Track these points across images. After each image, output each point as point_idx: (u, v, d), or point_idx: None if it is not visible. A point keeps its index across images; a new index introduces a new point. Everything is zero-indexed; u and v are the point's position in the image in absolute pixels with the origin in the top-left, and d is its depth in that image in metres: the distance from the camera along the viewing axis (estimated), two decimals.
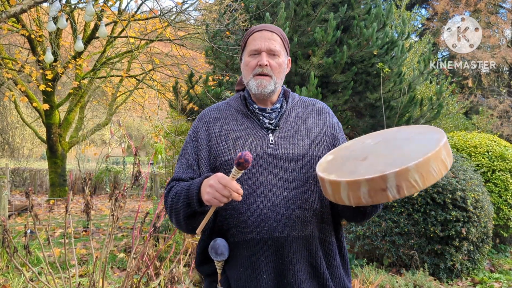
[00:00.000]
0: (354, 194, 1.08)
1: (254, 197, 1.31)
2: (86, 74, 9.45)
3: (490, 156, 5.08)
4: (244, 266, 1.30)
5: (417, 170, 1.01)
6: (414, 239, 4.07)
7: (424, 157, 1.02)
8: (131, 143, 2.70)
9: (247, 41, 1.43)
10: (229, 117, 1.44)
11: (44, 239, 4.91)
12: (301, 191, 1.33)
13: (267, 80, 1.38)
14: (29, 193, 1.98)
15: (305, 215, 1.31)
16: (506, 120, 14.03)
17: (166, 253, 4.45)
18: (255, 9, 6.13)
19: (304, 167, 1.35)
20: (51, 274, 2.10)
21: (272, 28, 1.42)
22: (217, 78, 6.60)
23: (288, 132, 1.39)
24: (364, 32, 5.53)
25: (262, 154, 1.35)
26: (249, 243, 1.30)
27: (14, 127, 14.78)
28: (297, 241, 1.29)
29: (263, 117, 1.42)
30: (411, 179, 1.01)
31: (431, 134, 1.16)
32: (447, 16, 17.72)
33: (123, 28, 8.68)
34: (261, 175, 1.32)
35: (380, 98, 5.96)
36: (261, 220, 1.29)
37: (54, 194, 9.45)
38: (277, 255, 1.29)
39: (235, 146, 1.37)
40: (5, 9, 5.26)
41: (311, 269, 1.31)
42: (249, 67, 1.40)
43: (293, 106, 1.47)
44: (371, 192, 1.05)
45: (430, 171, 1.02)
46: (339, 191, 1.11)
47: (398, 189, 1.02)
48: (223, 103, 1.51)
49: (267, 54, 1.38)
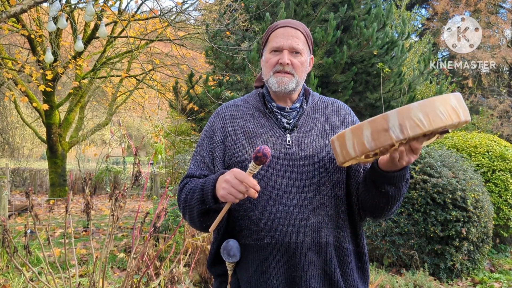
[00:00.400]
0: (358, 140, 1.04)
1: (267, 200, 1.27)
2: (86, 74, 9.45)
3: (490, 156, 5.08)
4: (254, 270, 1.27)
5: (421, 109, 0.97)
6: (414, 239, 4.07)
7: (429, 99, 0.98)
8: (131, 143, 2.70)
9: (269, 37, 1.37)
10: (246, 114, 1.39)
11: (44, 239, 4.91)
12: (317, 196, 1.28)
13: (289, 78, 1.33)
14: (29, 193, 1.98)
15: (319, 221, 1.27)
16: (506, 120, 14.03)
17: (166, 253, 4.45)
18: (255, 9, 6.13)
19: (321, 170, 1.29)
20: (51, 274, 2.10)
21: (296, 24, 1.36)
22: (217, 78, 6.61)
23: (306, 134, 1.34)
24: (364, 32, 5.53)
25: (278, 156, 1.29)
26: (260, 246, 1.26)
27: (14, 127, 14.78)
28: (310, 247, 1.25)
29: (282, 116, 1.36)
30: (414, 117, 0.97)
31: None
32: (447, 16, 17.73)
33: (123, 28, 8.69)
34: (276, 177, 1.28)
35: (380, 98, 5.96)
36: (274, 224, 1.25)
37: (54, 194, 9.46)
38: (289, 261, 1.25)
39: (251, 145, 1.32)
40: (5, 9, 5.26)
41: (324, 276, 1.27)
42: (270, 64, 1.34)
43: (312, 106, 1.41)
44: (374, 134, 1.01)
45: (437, 112, 0.98)
46: (345, 143, 1.08)
47: (401, 128, 0.98)
48: (240, 100, 1.46)
49: (289, 52, 1.33)
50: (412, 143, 1.08)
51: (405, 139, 1.01)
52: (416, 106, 0.98)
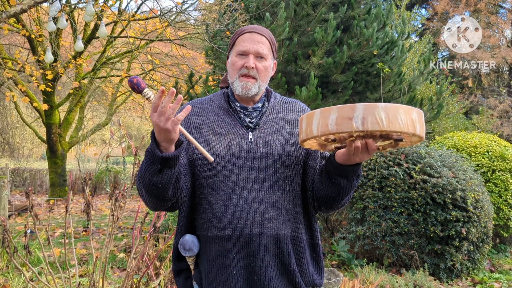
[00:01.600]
0: (323, 121, 1.13)
1: (229, 194, 1.34)
2: (86, 74, 9.45)
3: (490, 156, 5.08)
4: (215, 260, 1.33)
5: (385, 110, 1.07)
6: (414, 239, 4.07)
7: (395, 104, 1.09)
8: (131, 143, 2.70)
9: (236, 40, 1.44)
10: (210, 112, 1.45)
11: (44, 239, 4.91)
12: (276, 190, 1.36)
13: (252, 82, 1.39)
14: (29, 193, 1.98)
15: (278, 214, 1.35)
16: (506, 120, 14.03)
17: (166, 253, 4.45)
18: (255, 9, 6.13)
19: (280, 166, 1.38)
20: (51, 274, 2.10)
21: (262, 31, 1.43)
22: (217, 78, 6.60)
23: (267, 132, 1.41)
24: (364, 32, 5.53)
25: (240, 152, 1.37)
26: (221, 238, 1.33)
27: (14, 127, 14.78)
28: (269, 239, 1.33)
29: (244, 115, 1.43)
30: (377, 115, 1.07)
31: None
32: (447, 16, 17.73)
33: (123, 28, 8.68)
34: (238, 172, 1.35)
35: (380, 98, 5.96)
36: (235, 217, 1.32)
37: (54, 194, 9.45)
38: (248, 252, 1.32)
39: (214, 141, 1.38)
40: (5, 9, 5.25)
41: (281, 266, 1.35)
42: (236, 67, 1.41)
43: (274, 106, 1.49)
44: (339, 120, 1.10)
45: (397, 117, 1.08)
46: (311, 122, 1.16)
47: (363, 121, 1.08)
48: (206, 99, 1.53)
49: (254, 57, 1.39)
50: (368, 140, 1.18)
51: (363, 131, 1.10)
52: (381, 106, 1.08)
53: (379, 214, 4.22)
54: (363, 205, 4.33)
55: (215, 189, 1.35)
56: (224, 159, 1.36)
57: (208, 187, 1.36)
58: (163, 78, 10.43)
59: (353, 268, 4.19)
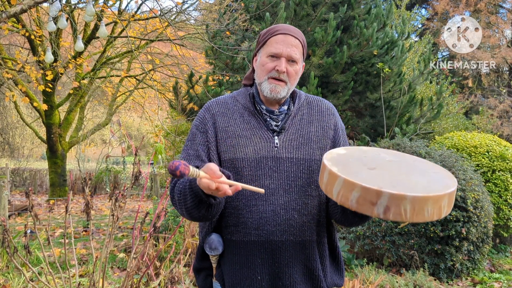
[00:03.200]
0: (345, 193, 1.08)
1: (255, 199, 1.32)
2: (86, 74, 9.45)
3: (490, 156, 5.08)
4: (240, 265, 1.32)
5: (412, 202, 1.00)
6: (414, 239, 4.07)
7: (425, 195, 1.00)
8: (131, 143, 2.70)
9: (268, 40, 1.39)
10: (236, 113, 1.42)
11: (44, 239, 4.91)
12: (302, 196, 1.34)
13: (282, 86, 1.36)
14: (29, 193, 1.98)
15: (303, 221, 1.34)
16: (506, 120, 14.03)
17: (166, 253, 4.45)
18: (255, 9, 6.13)
19: (306, 172, 1.36)
20: (51, 274, 2.10)
21: (296, 33, 1.39)
22: (217, 78, 6.61)
23: (293, 136, 1.39)
24: (364, 32, 5.53)
25: (266, 157, 1.34)
26: (246, 243, 1.32)
27: (14, 127, 14.77)
28: (294, 245, 1.32)
29: (270, 119, 1.40)
30: (402, 207, 1.01)
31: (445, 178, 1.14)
32: (447, 16, 17.73)
33: (123, 28, 8.68)
34: (264, 178, 1.33)
35: (380, 98, 5.96)
36: (261, 223, 1.31)
37: (54, 194, 9.45)
38: (274, 258, 1.31)
39: (241, 145, 1.36)
40: (5, 9, 5.26)
41: (306, 271, 1.34)
42: (266, 68, 1.37)
43: (299, 107, 1.46)
44: (360, 200, 1.04)
45: (424, 209, 1.01)
46: (333, 184, 1.11)
47: (385, 210, 1.02)
48: (229, 97, 1.48)
49: (286, 60, 1.36)
50: None
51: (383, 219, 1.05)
52: (410, 198, 1.00)
53: None
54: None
55: (241, 194, 1.33)
56: (250, 164, 1.34)
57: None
58: (163, 78, 10.42)
59: (353, 268, 4.19)
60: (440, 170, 1.19)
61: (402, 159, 1.28)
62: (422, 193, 1.00)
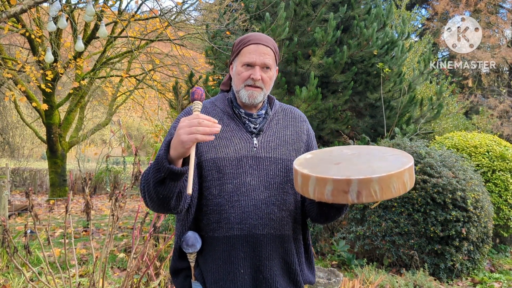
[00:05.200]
0: (319, 189, 1.18)
1: (238, 195, 1.39)
2: (86, 74, 9.45)
3: (490, 156, 5.08)
4: (222, 260, 1.38)
5: (379, 182, 1.12)
6: (414, 239, 4.07)
7: (388, 173, 1.13)
8: (131, 143, 2.71)
9: (241, 50, 1.47)
10: (215, 117, 1.48)
11: (44, 239, 4.91)
12: (280, 193, 1.43)
13: (258, 91, 1.45)
14: (29, 193, 1.98)
15: (282, 215, 1.42)
16: (506, 120, 14.03)
17: (166, 253, 4.45)
18: (255, 9, 6.13)
19: (283, 170, 1.45)
20: (51, 274, 2.10)
21: (267, 41, 1.47)
22: (217, 78, 6.61)
23: (270, 137, 1.48)
24: (364, 32, 5.53)
25: (246, 156, 1.43)
26: (229, 238, 1.37)
27: (14, 127, 14.77)
28: (274, 239, 1.40)
29: (249, 121, 1.49)
30: (371, 188, 1.13)
31: (401, 158, 1.27)
32: (447, 16, 17.73)
33: (123, 28, 8.68)
34: (245, 175, 1.41)
35: (380, 98, 5.96)
36: (244, 217, 1.37)
37: (54, 194, 9.45)
38: (255, 251, 1.38)
39: (221, 145, 1.43)
40: (5, 9, 5.26)
41: (284, 265, 1.42)
42: (241, 77, 1.45)
43: (275, 113, 1.55)
44: (334, 192, 1.15)
45: (390, 187, 1.14)
46: (307, 184, 1.21)
47: (358, 195, 1.13)
48: (208, 102, 1.56)
49: (260, 68, 1.44)
50: None
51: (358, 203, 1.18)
52: (376, 179, 1.13)
53: (379, 214, 4.22)
54: (363, 205, 4.33)
55: (223, 191, 1.39)
56: (231, 162, 1.41)
57: (216, 189, 1.39)
58: (163, 78, 10.43)
59: (353, 268, 4.19)
60: (396, 152, 1.33)
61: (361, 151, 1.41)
62: (385, 173, 1.13)
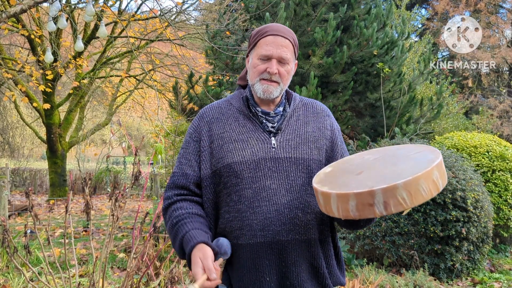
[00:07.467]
0: (343, 206, 1.09)
1: (258, 201, 1.32)
2: (86, 74, 9.45)
3: (490, 156, 5.08)
4: (247, 268, 1.31)
5: (405, 188, 1.01)
6: (414, 239, 4.07)
7: (414, 176, 1.02)
8: (131, 143, 2.70)
9: (258, 42, 1.39)
10: (230, 117, 1.42)
11: (44, 239, 4.91)
12: (303, 195, 1.34)
13: (274, 86, 1.37)
14: (29, 193, 1.98)
15: (307, 219, 1.34)
16: (506, 120, 14.03)
17: (166, 253, 4.45)
18: (255, 9, 6.13)
19: (305, 171, 1.36)
20: (51, 274, 2.10)
21: (285, 33, 1.38)
22: (217, 78, 6.61)
23: (289, 136, 1.39)
24: (364, 32, 5.53)
25: (264, 158, 1.35)
26: (253, 246, 1.31)
27: (14, 127, 14.77)
28: (300, 244, 1.32)
29: (266, 120, 1.41)
30: (399, 196, 1.02)
31: (427, 154, 1.16)
32: (447, 16, 17.73)
33: (123, 28, 8.68)
34: (264, 179, 1.33)
35: (380, 98, 5.96)
36: (266, 224, 1.30)
37: (54, 194, 9.45)
38: (280, 258, 1.31)
39: (238, 149, 1.36)
40: (5, 9, 5.26)
41: (312, 269, 1.34)
42: (257, 70, 1.38)
43: (294, 108, 1.46)
44: (359, 206, 1.06)
45: (419, 190, 1.03)
46: (329, 202, 1.13)
47: (385, 206, 1.03)
48: (223, 102, 1.49)
49: (277, 62, 1.36)
50: None
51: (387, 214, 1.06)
52: (401, 185, 1.01)
53: None
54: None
55: (243, 197, 1.33)
56: (249, 166, 1.34)
57: (236, 195, 1.34)
58: (163, 78, 10.43)
59: (353, 268, 4.19)
60: (421, 149, 1.22)
61: (385, 152, 1.30)
62: (410, 176, 1.02)
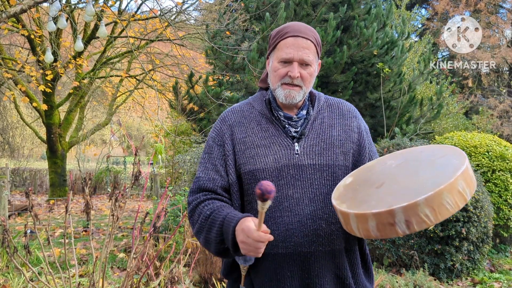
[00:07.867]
0: (363, 226, 1.03)
1: (280, 211, 1.27)
2: (86, 74, 9.45)
3: (490, 156, 5.08)
4: (269, 278, 1.27)
5: (428, 204, 0.93)
6: (414, 239, 4.07)
7: (436, 190, 0.92)
8: (131, 143, 2.70)
9: (278, 44, 1.32)
10: (253, 121, 1.37)
11: (44, 239, 4.91)
12: (328, 204, 1.28)
13: (297, 90, 1.30)
14: (29, 193, 1.97)
15: (331, 230, 1.27)
16: (506, 120, 14.03)
17: (166, 253, 4.45)
18: (255, 9, 6.13)
19: (330, 179, 1.30)
20: (51, 274, 2.09)
21: (307, 33, 1.31)
22: (217, 78, 6.61)
23: (314, 141, 1.33)
24: (364, 32, 5.53)
25: (287, 165, 1.29)
26: (274, 256, 1.27)
27: (14, 127, 14.78)
28: (324, 255, 1.27)
29: (289, 125, 1.34)
30: (421, 213, 0.93)
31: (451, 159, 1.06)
32: (447, 16, 17.73)
33: (123, 28, 8.68)
34: (286, 187, 1.28)
35: (380, 98, 5.96)
36: (288, 235, 1.26)
37: (54, 194, 9.45)
38: (303, 269, 1.26)
39: (260, 155, 1.31)
40: (5, 9, 5.26)
41: (337, 280, 1.29)
42: (278, 74, 1.31)
43: (318, 110, 1.39)
44: (379, 226, 0.99)
45: (444, 204, 0.93)
46: (349, 222, 1.07)
47: (407, 224, 0.95)
48: (245, 104, 1.43)
49: (299, 65, 1.29)
50: None
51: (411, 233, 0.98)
52: (423, 202, 0.92)
53: None
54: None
55: None
56: (271, 174, 1.28)
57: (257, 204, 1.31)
58: (163, 78, 10.43)
59: None
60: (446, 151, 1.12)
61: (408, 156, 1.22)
62: (432, 190, 0.93)
